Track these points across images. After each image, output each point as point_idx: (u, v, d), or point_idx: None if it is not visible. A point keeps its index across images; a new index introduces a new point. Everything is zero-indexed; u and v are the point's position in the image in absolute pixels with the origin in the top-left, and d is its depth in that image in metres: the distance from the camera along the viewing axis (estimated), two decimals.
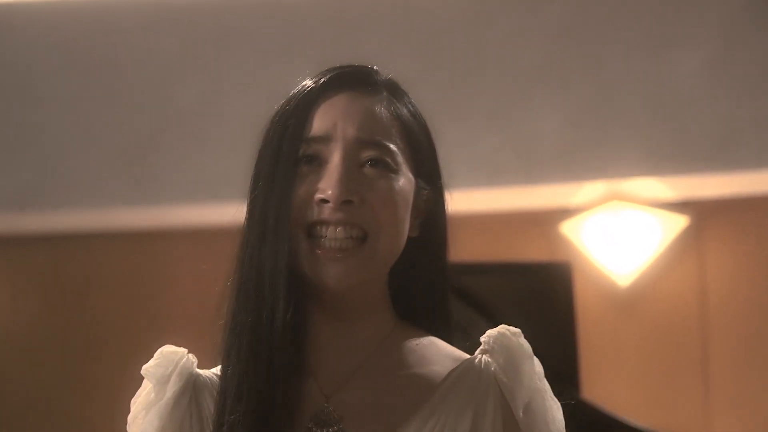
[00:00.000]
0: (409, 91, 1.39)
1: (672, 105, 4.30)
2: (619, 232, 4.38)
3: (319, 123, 1.25)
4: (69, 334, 4.79)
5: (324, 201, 1.20)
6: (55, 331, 4.80)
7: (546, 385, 1.22)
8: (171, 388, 1.31)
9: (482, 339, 1.23)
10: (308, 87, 1.30)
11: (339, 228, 1.20)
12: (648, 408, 4.28)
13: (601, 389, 4.15)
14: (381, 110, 1.27)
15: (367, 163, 1.23)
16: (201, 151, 4.55)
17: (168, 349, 1.36)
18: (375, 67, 1.35)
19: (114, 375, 4.67)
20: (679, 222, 4.43)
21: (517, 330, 1.23)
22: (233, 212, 1.29)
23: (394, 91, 1.33)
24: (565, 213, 4.49)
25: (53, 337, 4.79)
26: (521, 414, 1.18)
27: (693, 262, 4.47)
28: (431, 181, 1.29)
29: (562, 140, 4.34)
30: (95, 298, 4.82)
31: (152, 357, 1.37)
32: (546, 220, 4.50)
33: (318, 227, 1.21)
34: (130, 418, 1.33)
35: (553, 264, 3.70)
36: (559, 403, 1.23)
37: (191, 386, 1.31)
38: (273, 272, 1.22)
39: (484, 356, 1.23)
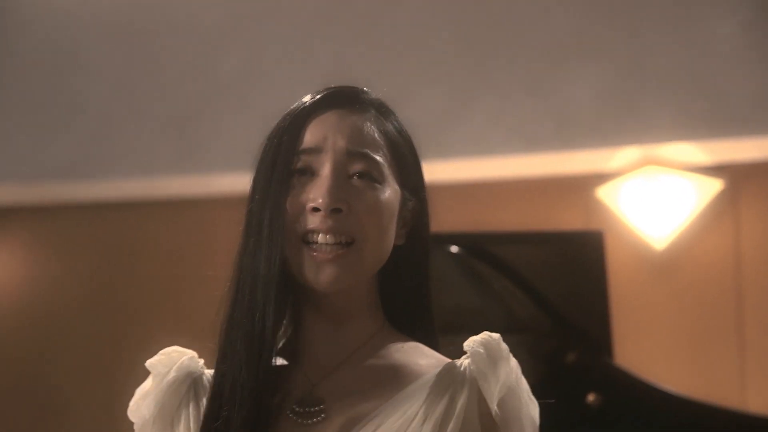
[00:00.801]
0: (445, 62, 1.43)
1: (706, 69, 4.25)
2: (655, 196, 4.35)
3: (310, 137, 1.31)
4: (118, 298, 4.84)
5: (315, 209, 1.26)
6: (105, 296, 4.85)
7: (522, 384, 1.27)
8: (170, 375, 1.39)
9: (465, 345, 1.27)
10: (301, 106, 1.36)
11: (329, 235, 1.26)
12: (682, 373, 4.25)
13: (634, 355, 4.15)
14: (369, 126, 1.33)
15: (355, 175, 1.29)
16: (243, 119, 4.56)
17: (171, 349, 1.47)
18: (365, 89, 1.38)
19: (161, 337, 4.74)
20: (714, 186, 4.40)
21: (497, 335, 1.27)
22: None
23: (381, 109, 1.37)
24: (600, 178, 4.46)
25: (103, 301, 4.85)
26: (495, 407, 1.22)
27: (728, 225, 4.44)
28: (416, 193, 1.36)
29: (598, 106, 4.31)
30: (142, 263, 4.86)
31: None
32: (582, 186, 4.48)
33: (311, 234, 1.27)
34: (131, 404, 1.41)
35: (585, 232, 3.66)
36: (536, 402, 1.28)
37: (191, 379, 1.39)
38: (266, 278, 1.29)
39: (465, 359, 1.27)
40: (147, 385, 1.41)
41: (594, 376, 2.72)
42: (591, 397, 2.71)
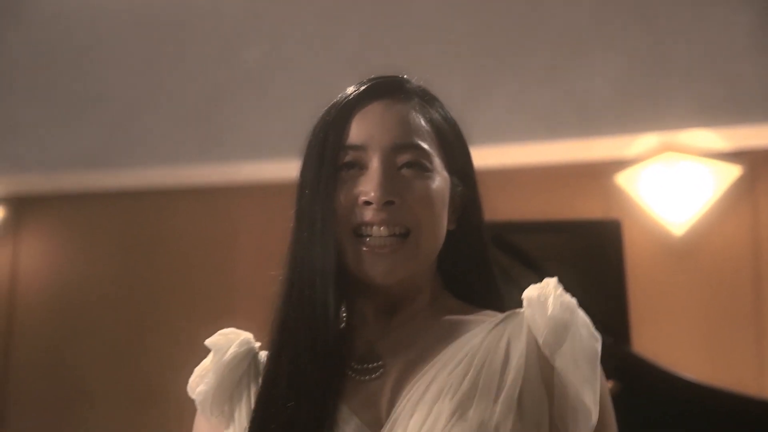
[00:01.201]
0: (466, 49, 1.43)
1: (724, 56, 4.23)
2: (673, 183, 4.34)
3: (356, 132, 1.29)
4: (142, 283, 4.86)
5: (367, 203, 1.25)
6: (129, 280, 4.88)
7: (578, 319, 1.23)
8: (230, 351, 1.38)
9: (525, 291, 1.26)
10: (345, 98, 1.33)
11: (383, 227, 1.25)
12: (700, 360, 4.23)
13: (652, 342, 4.15)
14: (414, 115, 1.31)
15: (404, 166, 1.28)
16: (265, 108, 4.57)
17: (229, 330, 1.43)
18: (407, 77, 1.37)
19: (187, 321, 4.76)
20: (732, 172, 4.38)
21: (553, 278, 1.26)
22: (294, 168, 1.33)
23: (425, 97, 1.35)
24: (620, 165, 4.45)
25: (127, 285, 4.88)
26: (542, 340, 1.20)
27: (746, 211, 4.42)
28: (465, 178, 1.35)
29: (617, 94, 4.30)
30: (164, 249, 4.89)
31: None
32: (601, 173, 4.47)
33: (363, 228, 1.26)
34: (190, 382, 1.39)
35: (603, 221, 3.62)
36: (597, 337, 1.23)
37: (251, 356, 1.37)
38: (323, 273, 1.27)
39: (522, 310, 1.25)
40: (206, 362, 1.40)
41: (612, 364, 2.74)
42: (609, 385, 2.71)
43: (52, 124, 4.76)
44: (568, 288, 1.24)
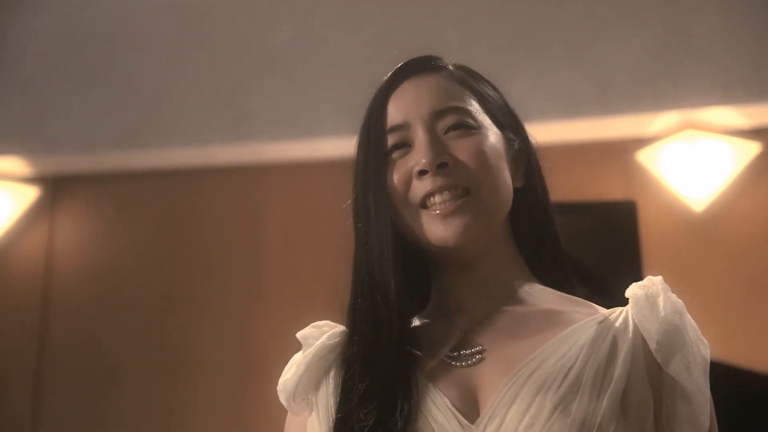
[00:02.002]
0: (488, 30, 1.44)
1: (744, 34, 4.20)
2: (693, 160, 4.33)
3: (394, 113, 1.30)
4: (172, 260, 4.87)
5: (422, 172, 1.25)
6: (160, 258, 4.88)
7: (687, 322, 1.20)
8: (320, 341, 1.34)
9: (626, 292, 1.24)
10: (380, 84, 1.34)
11: (444, 191, 1.24)
12: (719, 336, 4.15)
13: None
14: (446, 81, 1.32)
15: (449, 130, 1.27)
16: (291, 90, 4.57)
17: (323, 322, 1.39)
18: (435, 55, 1.37)
19: (218, 298, 4.80)
20: (752, 149, 4.36)
21: (658, 277, 1.24)
22: (322, 147, 1.37)
23: (460, 68, 1.36)
24: (640, 143, 4.43)
25: (159, 263, 4.88)
26: (655, 344, 1.16)
27: (766, 188, 4.40)
28: (518, 133, 1.35)
29: (637, 72, 4.28)
30: (196, 228, 4.89)
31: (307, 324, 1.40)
32: (622, 150, 4.45)
33: (428, 199, 1.25)
34: (279, 383, 1.35)
35: (618, 202, 3.55)
36: (705, 342, 1.21)
37: (340, 348, 1.32)
38: (380, 259, 1.26)
39: (626, 308, 1.23)
40: (297, 357, 1.36)
41: None
42: None
43: (84, 106, 4.78)
44: (585, 269, 1.24)
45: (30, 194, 5.07)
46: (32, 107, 4.83)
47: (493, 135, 1.29)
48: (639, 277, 1.17)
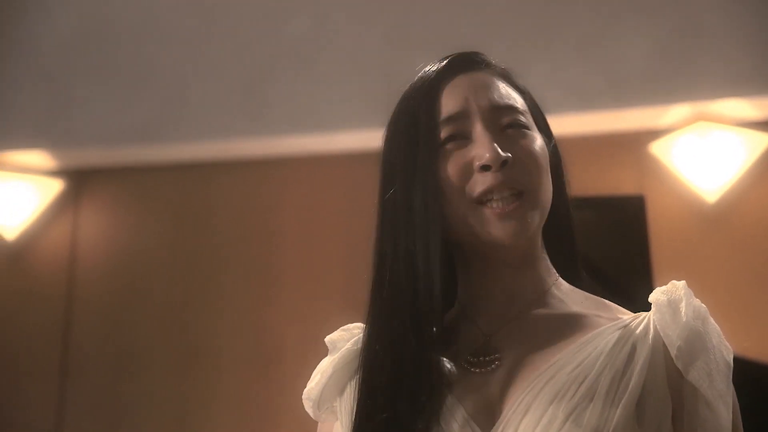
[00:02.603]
0: (502, 24, 1.41)
1: (756, 26, 4.20)
2: (706, 151, 4.32)
3: (449, 103, 1.24)
4: (192, 251, 4.89)
5: (484, 168, 1.19)
6: (180, 248, 4.91)
7: (710, 327, 1.16)
8: (345, 347, 1.30)
9: (650, 297, 1.21)
10: (427, 76, 1.28)
11: (505, 188, 1.19)
12: (730, 326, 4.12)
13: None
14: (499, 80, 1.29)
15: (507, 127, 1.24)
16: (309, 83, 4.57)
17: (354, 325, 1.34)
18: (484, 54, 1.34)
19: (238, 290, 4.82)
20: (764, 141, 4.34)
21: (681, 282, 1.21)
22: (338, 140, 1.32)
23: (503, 68, 1.34)
24: (653, 135, 4.42)
25: (179, 253, 4.91)
26: (676, 351, 1.13)
27: None
28: (550, 137, 1.33)
29: (650, 65, 4.27)
30: (215, 220, 4.91)
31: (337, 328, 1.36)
32: (634, 142, 4.44)
33: (487, 194, 1.19)
34: (304, 392, 1.32)
35: (627, 196, 3.51)
36: (729, 347, 1.17)
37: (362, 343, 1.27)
38: (426, 254, 1.20)
39: (649, 313, 1.20)
40: (325, 362, 1.33)
41: None
42: None
43: (107, 100, 4.81)
44: (595, 263, 1.24)
45: (54, 187, 5.11)
46: (56, 102, 4.86)
47: (540, 137, 1.27)
48: (648, 273, 1.16)
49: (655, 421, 1.11)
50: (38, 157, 4.96)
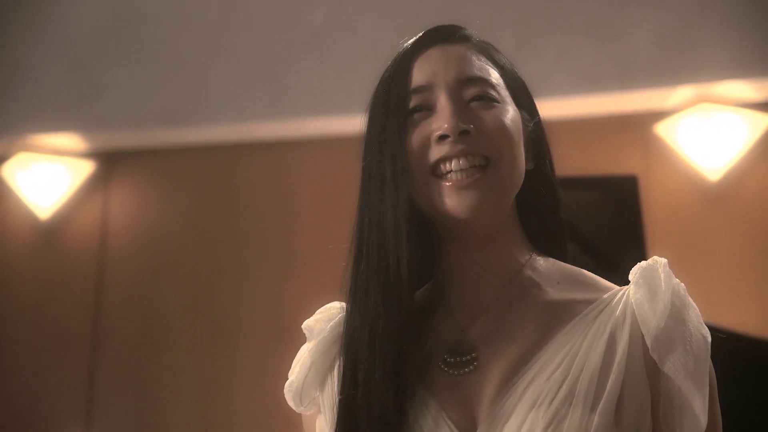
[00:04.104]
0: (511, 8, 1.37)
1: (758, 10, 4.17)
2: (709, 132, 4.32)
3: (419, 74, 1.20)
4: (217, 230, 4.90)
5: (442, 137, 1.15)
6: (206, 228, 4.92)
7: (688, 315, 1.10)
8: (321, 335, 1.24)
9: (631, 272, 1.14)
10: (404, 48, 1.25)
11: (462, 159, 1.14)
12: (733, 303, 4.13)
13: (691, 286, 4.09)
14: (473, 53, 1.23)
15: (473, 99, 1.18)
16: (330, 67, 4.57)
17: (332, 305, 1.29)
18: (459, 25, 1.28)
19: (259, 267, 4.84)
20: (766, 121, 4.34)
21: (663, 260, 1.14)
22: (356, 123, 1.26)
23: (483, 42, 1.28)
24: (657, 116, 4.42)
25: (204, 236, 4.92)
26: (652, 342, 1.08)
27: None
28: (533, 115, 1.25)
29: (655, 48, 4.26)
30: (238, 201, 4.91)
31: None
32: (639, 124, 4.44)
33: (442, 165, 1.15)
34: (286, 384, 1.27)
35: (619, 176, 3.42)
36: (707, 330, 1.11)
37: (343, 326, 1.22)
38: (395, 222, 1.15)
39: (628, 289, 1.14)
40: (303, 351, 1.28)
41: None
42: None
43: (135, 85, 4.83)
44: (588, 244, 1.22)
45: (85, 168, 5.15)
46: (87, 87, 4.89)
47: (514, 111, 1.20)
48: (642, 249, 1.11)
49: (635, 419, 1.08)
50: (70, 140, 5.00)
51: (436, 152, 1.15)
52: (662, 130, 4.45)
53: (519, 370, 1.11)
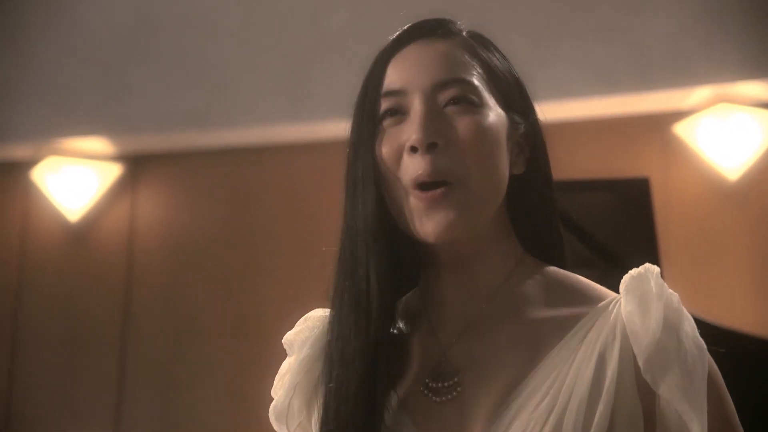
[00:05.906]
0: (528, 8, 1.27)
1: None
2: (727, 132, 4.26)
3: (393, 77, 1.10)
4: (243, 231, 4.91)
5: (413, 149, 1.04)
6: (232, 229, 4.93)
7: (682, 331, 0.98)
8: (306, 351, 1.17)
9: (623, 280, 1.03)
10: (384, 45, 1.16)
11: (429, 175, 1.03)
12: (750, 302, 4.09)
13: (705, 286, 4.09)
14: (456, 51, 1.10)
15: (449, 103, 1.07)
16: (350, 70, 4.55)
17: (313, 314, 1.23)
18: (449, 18, 1.18)
19: (281, 266, 4.83)
20: None
21: (655, 269, 1.02)
22: None
23: (471, 35, 1.15)
24: (675, 116, 4.36)
25: (230, 233, 4.93)
26: (644, 363, 0.97)
27: None
28: (526, 116, 1.12)
29: (673, 48, 4.22)
30: (261, 202, 4.91)
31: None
32: (657, 124, 4.39)
33: (415, 181, 1.05)
34: (272, 392, 1.21)
35: (632, 179, 3.38)
36: (703, 343, 0.99)
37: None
38: (364, 232, 1.08)
39: (619, 301, 1.03)
40: (285, 365, 1.21)
41: None
42: None
43: (161, 88, 4.83)
44: (600, 246, 1.14)
45: (113, 171, 5.16)
46: (113, 90, 4.89)
47: (494, 115, 1.08)
48: (656, 256, 1.02)
49: None
50: (98, 144, 5.01)
51: (410, 168, 1.05)
52: (681, 130, 4.40)
53: (504, 400, 1.01)
